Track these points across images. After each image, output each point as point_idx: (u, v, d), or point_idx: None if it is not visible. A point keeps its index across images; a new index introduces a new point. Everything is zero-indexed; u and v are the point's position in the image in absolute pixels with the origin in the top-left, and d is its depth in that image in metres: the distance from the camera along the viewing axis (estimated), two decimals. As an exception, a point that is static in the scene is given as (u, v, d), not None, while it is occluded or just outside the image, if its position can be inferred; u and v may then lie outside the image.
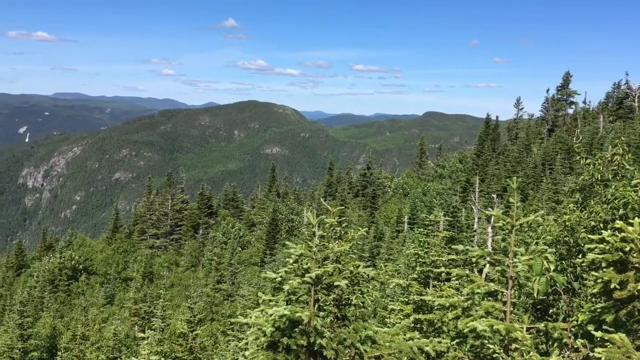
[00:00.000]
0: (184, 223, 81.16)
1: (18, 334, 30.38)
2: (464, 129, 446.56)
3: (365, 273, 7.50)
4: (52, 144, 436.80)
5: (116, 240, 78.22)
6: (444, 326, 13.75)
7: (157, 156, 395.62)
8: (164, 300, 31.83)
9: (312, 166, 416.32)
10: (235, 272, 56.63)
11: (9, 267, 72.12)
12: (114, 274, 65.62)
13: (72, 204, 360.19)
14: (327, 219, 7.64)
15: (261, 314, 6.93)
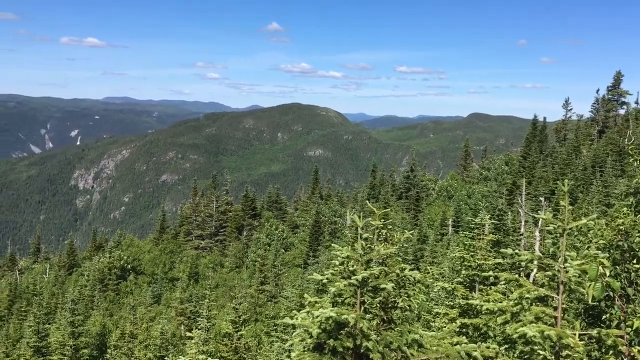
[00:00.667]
0: (229, 224, 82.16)
1: (70, 332, 31.24)
2: (510, 130, 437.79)
3: (411, 276, 7.43)
4: (102, 146, 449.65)
5: (163, 241, 79.78)
6: (489, 331, 13.50)
7: (202, 158, 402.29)
8: (209, 300, 32.25)
9: (354, 168, 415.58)
10: (278, 274, 56.97)
11: (61, 266, 74.51)
12: (161, 274, 66.95)
13: (120, 205, 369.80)
14: (373, 221, 7.61)
15: (307, 315, 6.95)
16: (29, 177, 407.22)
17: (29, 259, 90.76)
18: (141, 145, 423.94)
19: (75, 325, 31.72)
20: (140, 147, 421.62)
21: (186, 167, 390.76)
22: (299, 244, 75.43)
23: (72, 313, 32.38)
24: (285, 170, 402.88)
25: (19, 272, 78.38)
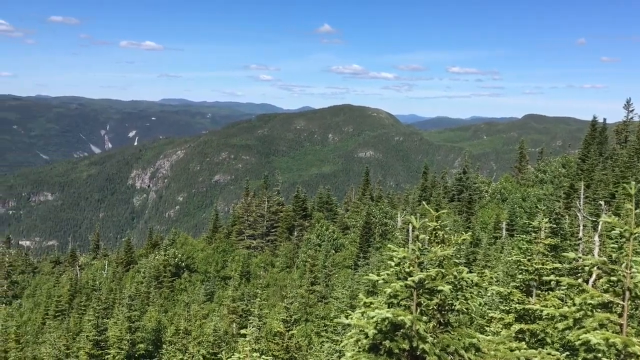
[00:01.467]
0: (280, 225, 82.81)
1: (127, 326, 32.10)
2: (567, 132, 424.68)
3: (469, 278, 7.28)
4: (158, 147, 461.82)
5: (216, 239, 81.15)
6: (547, 337, 13.09)
7: (254, 159, 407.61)
8: (261, 299, 32.60)
9: (405, 170, 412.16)
10: (329, 275, 57.01)
11: (118, 262, 76.88)
12: (214, 272, 68.11)
13: (175, 205, 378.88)
14: (430, 222, 7.50)
15: (362, 315, 6.92)
16: (89, 176, 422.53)
17: (88, 255, 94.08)
18: (195, 146, 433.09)
19: (132, 321, 32.58)
20: (195, 147, 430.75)
21: (238, 167, 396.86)
22: (349, 245, 75.29)
23: (129, 308, 33.27)
24: (336, 171, 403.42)
25: (79, 268, 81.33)
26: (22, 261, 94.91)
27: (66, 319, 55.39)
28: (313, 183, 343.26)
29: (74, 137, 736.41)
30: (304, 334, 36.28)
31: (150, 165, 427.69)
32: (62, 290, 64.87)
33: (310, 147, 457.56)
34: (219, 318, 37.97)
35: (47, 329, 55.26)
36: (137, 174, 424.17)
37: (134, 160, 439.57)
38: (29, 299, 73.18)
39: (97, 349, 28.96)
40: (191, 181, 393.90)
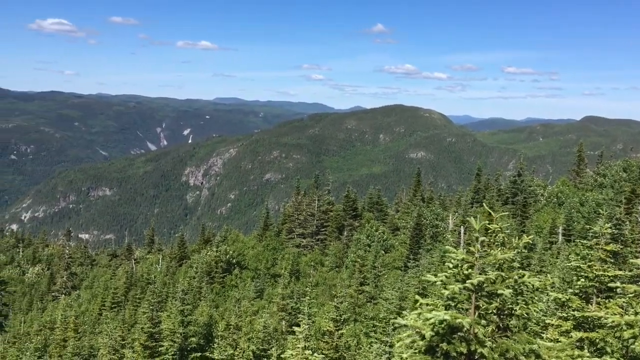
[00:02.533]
0: (330, 224, 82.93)
1: (179, 320, 32.80)
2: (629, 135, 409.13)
3: (530, 283, 7.08)
4: (212, 145, 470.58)
5: (266, 237, 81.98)
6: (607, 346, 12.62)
7: (305, 158, 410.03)
8: (310, 297, 32.76)
9: (457, 171, 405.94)
10: (378, 275, 56.73)
11: (172, 257, 78.75)
12: (264, 269, 68.86)
13: (227, 202, 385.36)
14: (490, 224, 7.35)
15: (418, 317, 6.84)
16: (145, 173, 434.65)
17: (143, 250, 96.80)
18: (247, 145, 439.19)
19: (185, 314, 33.24)
20: (247, 146, 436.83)
21: (289, 166, 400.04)
22: (399, 246, 74.69)
23: (182, 302, 33.96)
24: (387, 171, 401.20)
25: (135, 262, 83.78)
26: (81, 254, 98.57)
27: (122, 311, 57.12)
28: (363, 183, 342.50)
29: (131, 135, 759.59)
30: (352, 334, 36.24)
31: (203, 162, 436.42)
32: (118, 282, 66.93)
33: (361, 147, 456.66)
34: (269, 315, 38.35)
35: (103, 320, 57.18)
36: (190, 171, 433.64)
37: (187, 158, 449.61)
38: (87, 290, 75.84)
39: (151, 341, 29.73)
40: (243, 179, 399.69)
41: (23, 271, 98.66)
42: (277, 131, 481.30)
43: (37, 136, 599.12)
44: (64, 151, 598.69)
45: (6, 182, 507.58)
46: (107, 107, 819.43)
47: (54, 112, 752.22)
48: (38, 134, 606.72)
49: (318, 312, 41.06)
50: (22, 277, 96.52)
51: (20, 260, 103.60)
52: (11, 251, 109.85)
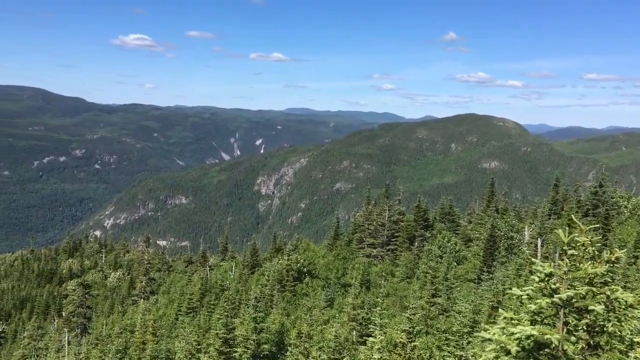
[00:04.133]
0: (400, 234, 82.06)
1: (252, 327, 33.33)
2: None
3: (623, 299, 6.71)
4: (283, 155, 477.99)
5: (336, 247, 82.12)
6: None
7: (375, 168, 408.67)
8: (381, 308, 32.51)
9: (533, 182, 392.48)
10: (450, 287, 55.53)
11: (244, 265, 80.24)
12: (334, 278, 68.91)
13: (297, 211, 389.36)
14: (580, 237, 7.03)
15: (502, 331, 6.63)
16: (219, 182, 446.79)
17: (217, 257, 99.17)
18: (318, 154, 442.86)
19: (258, 321, 33.74)
20: (317, 156, 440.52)
21: (359, 176, 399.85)
22: (472, 258, 72.87)
23: (254, 309, 34.50)
24: (458, 181, 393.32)
25: (209, 268, 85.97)
26: (158, 260, 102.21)
27: (197, 316, 58.69)
28: (434, 193, 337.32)
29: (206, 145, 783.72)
30: (425, 347, 35.61)
31: (275, 172, 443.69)
32: (193, 288, 68.83)
33: (432, 156, 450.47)
34: (340, 325, 38.31)
35: (179, 324, 58.96)
36: (262, 181, 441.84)
37: (260, 167, 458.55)
38: (164, 295, 78.44)
39: (226, 347, 30.38)
40: (313, 188, 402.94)
41: (105, 275, 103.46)
42: (347, 141, 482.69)
43: (119, 147, 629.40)
44: (143, 161, 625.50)
45: (91, 190, 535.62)
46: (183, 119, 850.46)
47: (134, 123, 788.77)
48: (120, 144, 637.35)
49: (389, 323, 40.64)
50: (104, 281, 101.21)
51: (103, 265, 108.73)
52: (95, 256, 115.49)
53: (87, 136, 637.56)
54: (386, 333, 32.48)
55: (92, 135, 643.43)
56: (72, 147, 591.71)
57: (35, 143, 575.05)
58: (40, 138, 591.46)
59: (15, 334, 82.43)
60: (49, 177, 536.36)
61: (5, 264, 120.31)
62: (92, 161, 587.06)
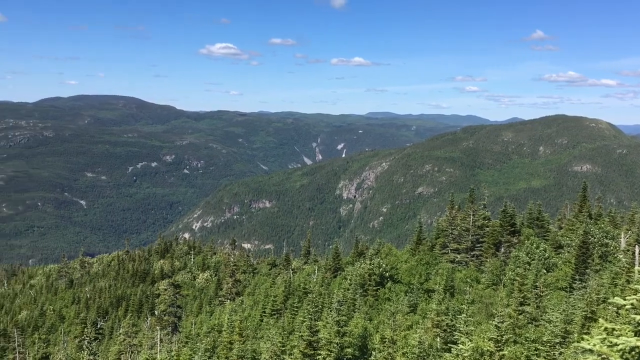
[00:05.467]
0: (485, 240, 79.88)
1: (335, 330, 33.53)
2: None
3: None
4: (364, 159, 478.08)
5: (419, 251, 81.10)
6: None
7: (459, 172, 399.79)
8: (466, 315, 31.85)
9: (629, 186, 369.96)
10: (540, 295, 53.40)
11: (327, 268, 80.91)
12: (417, 284, 68.06)
13: (379, 215, 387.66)
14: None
15: (603, 342, 6.35)
16: (301, 186, 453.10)
17: (300, 260, 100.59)
18: (399, 158, 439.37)
19: (341, 325, 33.91)
20: (399, 159, 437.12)
21: (442, 180, 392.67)
22: (563, 265, 69.72)
23: (337, 313, 34.70)
24: (547, 185, 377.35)
25: (292, 271, 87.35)
26: (244, 262, 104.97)
27: (281, 318, 59.75)
28: (521, 198, 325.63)
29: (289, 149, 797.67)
30: (513, 356, 34.47)
31: (356, 176, 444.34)
32: (277, 290, 70.11)
33: (518, 160, 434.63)
34: (423, 331, 37.83)
35: (264, 326, 60.30)
36: (344, 185, 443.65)
37: (341, 172, 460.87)
38: (250, 296, 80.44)
39: (310, 349, 30.78)
40: (395, 193, 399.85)
41: (194, 276, 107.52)
42: (429, 144, 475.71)
43: (206, 152, 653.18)
44: (229, 166, 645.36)
45: (180, 194, 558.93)
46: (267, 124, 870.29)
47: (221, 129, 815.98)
48: (207, 150, 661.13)
49: (475, 331, 39.67)
50: (193, 281, 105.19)
51: (192, 266, 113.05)
52: (184, 258, 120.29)
53: (177, 142, 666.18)
54: (472, 341, 31.74)
55: (181, 142, 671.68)
56: (163, 153, 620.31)
57: (130, 149, 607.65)
58: (134, 144, 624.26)
59: (111, 330, 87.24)
60: (142, 182, 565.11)
61: (103, 264, 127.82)
62: (181, 166, 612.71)
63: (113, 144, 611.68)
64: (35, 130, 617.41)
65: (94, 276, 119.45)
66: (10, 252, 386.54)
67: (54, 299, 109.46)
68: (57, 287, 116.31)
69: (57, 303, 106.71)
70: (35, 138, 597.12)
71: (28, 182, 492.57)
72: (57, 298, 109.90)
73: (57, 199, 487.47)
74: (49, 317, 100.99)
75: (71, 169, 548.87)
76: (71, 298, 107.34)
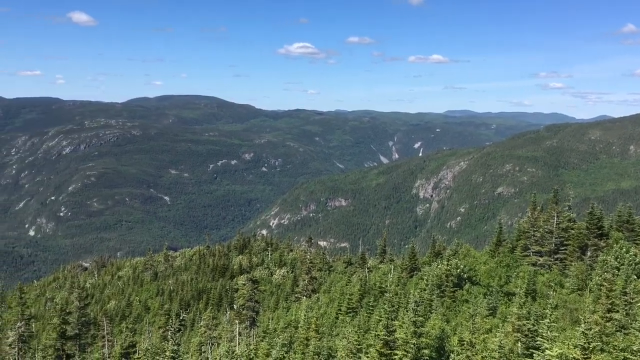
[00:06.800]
0: (570, 243, 76.61)
1: (412, 331, 33.29)
2: None
3: None
4: (441, 158, 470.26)
5: (499, 253, 78.97)
6: None
7: (541, 172, 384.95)
8: (550, 320, 30.82)
9: None
10: (630, 302, 50.69)
11: (403, 268, 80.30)
12: (496, 286, 66.31)
13: (457, 215, 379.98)
14: None
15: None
16: (377, 185, 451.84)
17: (376, 259, 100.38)
18: (478, 158, 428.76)
19: (417, 326, 33.64)
20: (478, 159, 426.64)
21: (523, 180, 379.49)
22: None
23: (414, 313, 34.44)
24: (638, 187, 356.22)
25: (368, 270, 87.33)
26: (320, 259, 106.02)
27: (356, 316, 59.97)
28: (609, 199, 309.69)
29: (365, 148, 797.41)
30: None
31: (433, 175, 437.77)
32: (353, 289, 70.40)
33: (606, 159, 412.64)
34: (503, 335, 36.87)
35: (339, 324, 60.74)
36: (420, 184, 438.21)
37: (418, 171, 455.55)
38: (325, 294, 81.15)
39: (386, 348, 30.77)
40: (473, 192, 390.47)
41: (271, 272, 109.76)
42: (510, 143, 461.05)
43: (284, 150, 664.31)
44: (306, 164, 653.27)
45: (258, 191, 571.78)
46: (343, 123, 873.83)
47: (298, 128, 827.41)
48: (285, 148, 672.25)
49: (558, 337, 38.22)
50: (270, 277, 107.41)
51: (269, 262, 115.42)
52: (262, 254, 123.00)
53: (255, 141, 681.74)
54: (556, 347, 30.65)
55: (259, 140, 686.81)
56: (242, 151, 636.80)
57: (211, 147, 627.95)
58: (214, 143, 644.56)
59: (193, 322, 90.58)
60: (222, 179, 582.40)
61: (185, 258, 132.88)
62: (259, 164, 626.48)
63: (195, 142, 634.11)
64: (124, 129, 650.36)
65: (177, 269, 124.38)
66: (100, 244, 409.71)
67: (140, 290, 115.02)
68: (143, 279, 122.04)
69: (143, 294, 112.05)
70: (124, 136, 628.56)
71: (117, 179, 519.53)
72: (142, 289, 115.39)
73: (144, 195, 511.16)
74: (135, 308, 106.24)
75: (156, 166, 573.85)
76: (155, 290, 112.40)
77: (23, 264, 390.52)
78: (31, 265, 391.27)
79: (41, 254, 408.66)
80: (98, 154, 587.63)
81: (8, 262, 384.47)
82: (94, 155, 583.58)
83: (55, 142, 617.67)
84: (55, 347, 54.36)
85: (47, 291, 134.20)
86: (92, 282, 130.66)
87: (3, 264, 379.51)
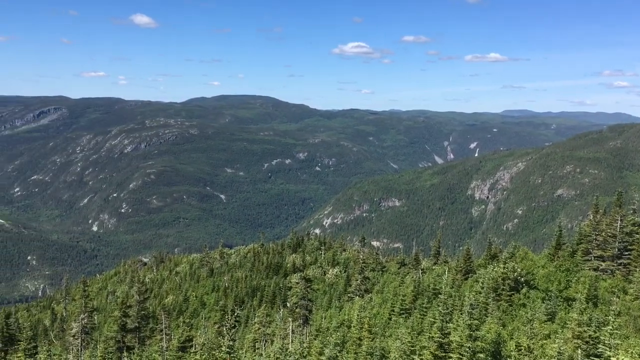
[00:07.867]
0: (635, 247, 73.53)
1: (467, 334, 32.81)
2: None
3: None
4: (498, 158, 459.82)
5: (558, 257, 76.70)
6: None
7: (604, 174, 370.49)
8: (612, 327, 29.79)
9: None
10: (699, 312, 48.38)
11: (458, 270, 79.09)
12: (555, 291, 64.43)
13: (514, 217, 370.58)
14: None
15: None
16: (431, 185, 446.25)
17: (429, 260, 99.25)
18: (537, 158, 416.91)
19: (472, 329, 33.12)
20: (536, 160, 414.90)
21: (584, 182, 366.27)
22: None
23: (469, 316, 33.93)
24: None
25: (422, 271, 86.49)
26: (373, 259, 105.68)
27: (410, 318, 59.54)
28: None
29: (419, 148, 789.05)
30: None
31: (489, 176, 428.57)
32: (406, 290, 69.91)
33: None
34: (563, 341, 35.87)
35: (392, 324, 60.44)
36: (476, 185, 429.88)
37: (474, 171, 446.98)
38: (378, 294, 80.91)
39: (440, 351, 30.47)
40: (531, 194, 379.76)
41: (324, 271, 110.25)
42: (571, 144, 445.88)
43: (337, 150, 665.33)
44: (359, 164, 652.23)
45: (311, 190, 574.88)
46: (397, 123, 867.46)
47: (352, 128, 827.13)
48: (338, 148, 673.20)
49: (621, 345, 36.86)
50: (323, 276, 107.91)
51: (322, 261, 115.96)
52: (315, 253, 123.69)
53: (309, 140, 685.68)
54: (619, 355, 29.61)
55: (313, 140, 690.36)
56: (296, 151, 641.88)
57: (266, 147, 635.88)
58: (269, 142, 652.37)
59: (247, 319, 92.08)
60: (277, 178, 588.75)
61: (240, 256, 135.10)
62: (313, 164, 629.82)
63: (250, 141, 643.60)
64: (182, 128, 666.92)
65: (232, 266, 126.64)
66: (158, 240, 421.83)
67: (196, 286, 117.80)
68: (199, 275, 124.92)
69: (199, 290, 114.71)
70: (182, 135, 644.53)
71: (175, 177, 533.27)
72: (199, 285, 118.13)
73: (200, 193, 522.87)
74: (191, 303, 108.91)
75: (213, 165, 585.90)
76: (211, 286, 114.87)
77: (86, 258, 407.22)
78: (94, 259, 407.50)
79: (103, 248, 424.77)
80: (157, 153, 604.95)
81: (73, 256, 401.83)
82: (153, 154, 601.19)
83: (117, 140, 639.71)
84: (116, 339, 56.43)
85: (109, 285, 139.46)
86: (151, 277, 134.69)
87: (68, 258, 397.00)
